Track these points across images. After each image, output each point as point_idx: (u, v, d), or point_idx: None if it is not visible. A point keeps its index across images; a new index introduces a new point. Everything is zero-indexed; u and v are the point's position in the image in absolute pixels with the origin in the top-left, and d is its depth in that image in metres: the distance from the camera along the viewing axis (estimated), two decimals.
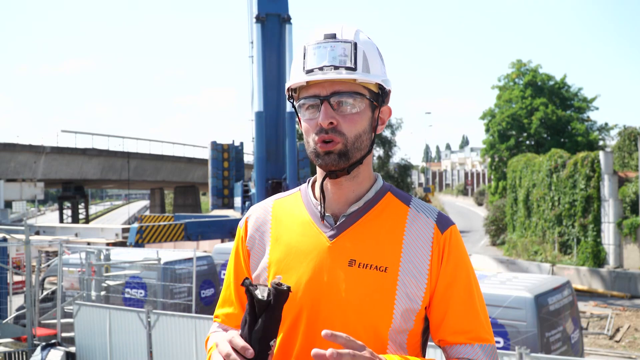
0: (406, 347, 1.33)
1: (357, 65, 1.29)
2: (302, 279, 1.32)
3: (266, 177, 15.66)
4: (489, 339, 1.33)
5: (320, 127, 1.29)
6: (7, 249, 11.62)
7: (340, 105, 1.29)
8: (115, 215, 65.91)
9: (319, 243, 1.34)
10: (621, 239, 20.19)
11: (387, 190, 1.41)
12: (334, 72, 1.27)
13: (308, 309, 1.31)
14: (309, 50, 1.30)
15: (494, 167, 33.51)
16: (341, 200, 1.37)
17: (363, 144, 1.32)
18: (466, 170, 79.72)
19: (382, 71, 1.35)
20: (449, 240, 1.34)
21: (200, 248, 20.48)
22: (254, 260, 1.43)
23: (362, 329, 1.28)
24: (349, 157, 1.30)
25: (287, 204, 1.45)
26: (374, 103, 1.34)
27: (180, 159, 43.48)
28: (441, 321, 1.32)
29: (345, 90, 1.29)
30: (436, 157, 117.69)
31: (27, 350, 8.91)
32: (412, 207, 1.38)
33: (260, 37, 15.47)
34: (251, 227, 1.45)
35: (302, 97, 1.33)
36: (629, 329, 13.24)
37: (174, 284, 9.92)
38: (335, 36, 1.30)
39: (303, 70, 1.31)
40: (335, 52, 1.28)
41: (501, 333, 6.67)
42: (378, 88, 1.34)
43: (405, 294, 1.30)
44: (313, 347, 1.30)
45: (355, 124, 1.30)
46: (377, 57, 1.35)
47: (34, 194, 31.97)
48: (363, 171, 1.37)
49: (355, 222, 1.35)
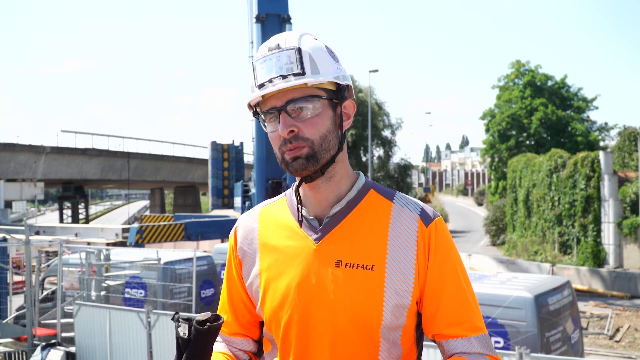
0: (400, 344, 1.33)
1: (305, 69, 1.29)
2: (292, 284, 1.34)
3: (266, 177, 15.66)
4: (482, 327, 1.34)
5: (283, 138, 1.30)
6: (7, 249, 11.62)
7: (300, 111, 1.30)
8: (115, 215, 65.94)
9: (305, 246, 1.35)
10: (621, 239, 20.19)
11: (370, 187, 1.41)
12: (282, 82, 1.28)
13: (299, 312, 1.32)
14: (257, 66, 1.32)
15: (494, 167, 33.52)
16: (322, 203, 1.38)
17: (330, 143, 1.32)
18: (466, 170, 79.77)
19: (333, 68, 1.34)
20: (434, 233, 1.34)
21: (200, 248, 20.50)
22: (246, 268, 1.45)
23: (352, 329, 1.29)
24: (317, 159, 1.30)
25: (273, 210, 1.47)
26: (334, 101, 1.34)
27: (180, 159, 43.50)
28: (434, 314, 1.33)
29: (299, 96, 1.29)
30: (436, 157, 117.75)
31: (27, 350, 8.92)
32: (395, 202, 1.38)
33: (260, 37, 15.47)
34: (240, 236, 1.47)
35: (262, 112, 1.35)
36: (629, 329, 13.24)
37: (174, 284, 9.93)
38: (279, 46, 1.31)
39: (255, 86, 1.32)
40: (281, 62, 1.29)
41: (501, 333, 6.67)
42: (335, 85, 1.35)
43: (393, 291, 1.30)
44: (307, 350, 1.32)
45: (317, 126, 1.30)
46: (326, 56, 1.34)
47: (34, 194, 31.99)
48: (339, 170, 1.37)
49: (339, 223, 1.35)
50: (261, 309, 1.39)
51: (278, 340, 1.36)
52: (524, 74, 32.50)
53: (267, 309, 1.37)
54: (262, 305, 1.39)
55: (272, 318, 1.36)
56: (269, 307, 1.36)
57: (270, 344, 1.44)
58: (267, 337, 1.43)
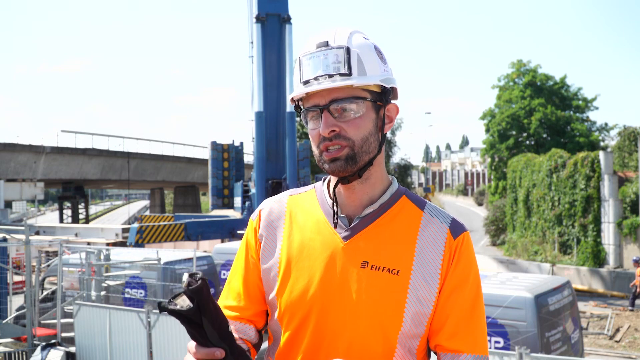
0: (416, 353, 1.33)
1: (352, 70, 1.28)
2: (314, 278, 1.32)
3: (266, 177, 15.68)
4: (483, 348, 1.33)
5: (323, 136, 1.30)
6: (7, 249, 11.62)
7: (343, 111, 1.29)
8: (115, 215, 65.94)
9: (333, 243, 1.34)
10: (621, 239, 20.18)
11: (402, 193, 1.41)
12: (328, 80, 1.27)
13: (318, 308, 1.31)
14: (304, 62, 1.31)
15: (494, 167, 33.52)
16: (355, 203, 1.37)
17: (371, 146, 1.32)
18: (466, 170, 79.72)
19: (380, 70, 1.33)
20: (461, 246, 1.34)
21: (200, 248, 20.48)
22: (264, 252, 1.42)
23: (370, 331, 1.28)
24: (356, 160, 1.30)
25: (301, 201, 1.45)
26: (378, 103, 1.33)
27: (180, 159, 43.48)
28: (442, 325, 1.32)
29: (344, 96, 1.28)
30: (436, 157, 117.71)
31: (27, 350, 8.91)
32: (426, 211, 1.38)
33: (260, 37, 15.48)
34: (264, 219, 1.44)
35: (304, 109, 1.34)
36: (629, 329, 13.24)
37: (174, 284, 9.92)
38: (327, 44, 1.30)
39: (300, 81, 1.31)
40: (328, 60, 1.28)
41: (501, 333, 6.67)
42: (379, 87, 1.33)
43: (416, 298, 1.30)
44: (321, 347, 1.30)
45: (359, 127, 1.30)
46: (374, 57, 1.33)
47: (34, 194, 31.96)
48: (375, 173, 1.37)
49: (369, 224, 1.34)
50: (276, 297, 1.36)
51: (289, 332, 1.33)
52: (524, 73, 32.47)
53: (284, 299, 1.34)
54: (278, 294, 1.36)
55: (287, 309, 1.33)
56: (286, 298, 1.34)
57: (272, 336, 1.41)
58: (274, 329, 1.40)
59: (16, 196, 31.92)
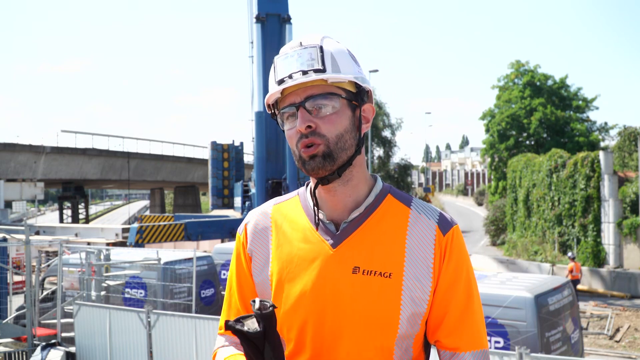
0: (412, 350, 1.33)
1: (326, 66, 1.28)
2: (306, 288, 1.31)
3: (266, 177, 15.67)
4: (482, 343, 1.33)
5: (301, 134, 1.29)
6: (7, 249, 11.62)
7: (319, 109, 1.29)
8: (115, 215, 65.96)
9: (322, 251, 1.32)
10: (621, 239, 20.19)
11: (387, 192, 1.39)
12: (302, 77, 1.27)
13: (314, 318, 1.30)
14: (278, 63, 1.32)
15: (494, 167, 33.53)
16: (339, 207, 1.35)
17: (347, 143, 1.30)
18: (466, 170, 79.71)
19: (354, 70, 1.34)
20: (451, 242, 1.33)
21: (200, 248, 20.50)
22: (255, 267, 1.41)
23: (368, 337, 1.28)
24: (333, 157, 1.28)
25: (286, 209, 1.43)
26: (353, 102, 1.33)
27: (180, 159, 43.49)
28: (440, 323, 1.32)
29: (319, 92, 1.28)
30: (436, 157, 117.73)
31: (27, 350, 8.91)
32: (413, 208, 1.37)
33: (260, 37, 15.48)
34: (250, 233, 1.44)
35: (280, 109, 1.34)
36: (629, 329, 13.24)
37: (174, 284, 9.92)
38: (300, 44, 1.32)
39: (275, 82, 1.32)
40: (302, 58, 1.29)
41: (501, 333, 6.67)
42: (355, 87, 1.34)
43: (410, 299, 1.29)
44: (321, 357, 1.29)
45: (335, 123, 1.29)
46: (348, 58, 1.34)
47: (34, 194, 31.98)
48: (356, 174, 1.35)
49: (357, 229, 1.33)
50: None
51: (290, 345, 1.33)
52: (524, 74, 32.50)
53: (279, 313, 1.33)
54: None
55: (283, 323, 1.33)
56: (281, 312, 1.33)
57: None
58: None
59: (16, 196, 31.93)
